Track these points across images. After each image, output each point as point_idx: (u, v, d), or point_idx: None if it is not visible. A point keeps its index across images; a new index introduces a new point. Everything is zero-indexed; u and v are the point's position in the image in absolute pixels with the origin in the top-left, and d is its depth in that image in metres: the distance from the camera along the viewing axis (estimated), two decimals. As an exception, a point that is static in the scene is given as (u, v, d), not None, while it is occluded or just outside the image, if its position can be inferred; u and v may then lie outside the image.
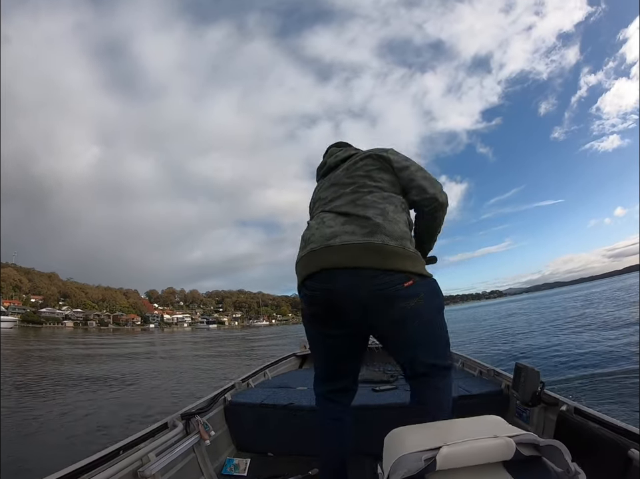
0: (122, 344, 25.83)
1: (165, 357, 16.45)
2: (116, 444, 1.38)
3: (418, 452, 0.72)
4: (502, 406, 1.95)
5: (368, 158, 1.36)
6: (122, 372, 10.07)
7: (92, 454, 1.27)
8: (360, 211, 1.21)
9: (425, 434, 0.82)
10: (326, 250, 1.15)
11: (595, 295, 30.71)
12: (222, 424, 2.08)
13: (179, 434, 1.67)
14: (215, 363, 12.76)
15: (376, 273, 1.10)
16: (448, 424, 0.92)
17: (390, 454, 0.79)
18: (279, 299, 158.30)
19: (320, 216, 1.29)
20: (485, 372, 2.37)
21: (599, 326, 10.98)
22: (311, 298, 1.21)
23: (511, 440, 0.72)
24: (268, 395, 2.24)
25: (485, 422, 0.86)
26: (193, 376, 9.21)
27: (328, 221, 1.24)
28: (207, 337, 39.35)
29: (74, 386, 7.56)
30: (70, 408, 5.57)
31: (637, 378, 4.74)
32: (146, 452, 1.42)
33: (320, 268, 1.15)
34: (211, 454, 1.83)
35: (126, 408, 5.44)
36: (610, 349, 7.03)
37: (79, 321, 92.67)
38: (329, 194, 1.36)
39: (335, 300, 1.14)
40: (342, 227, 1.18)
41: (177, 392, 6.81)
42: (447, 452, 0.69)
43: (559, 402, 1.58)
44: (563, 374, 5.68)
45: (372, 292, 1.10)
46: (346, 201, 1.27)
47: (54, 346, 22.97)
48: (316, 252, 1.17)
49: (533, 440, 0.74)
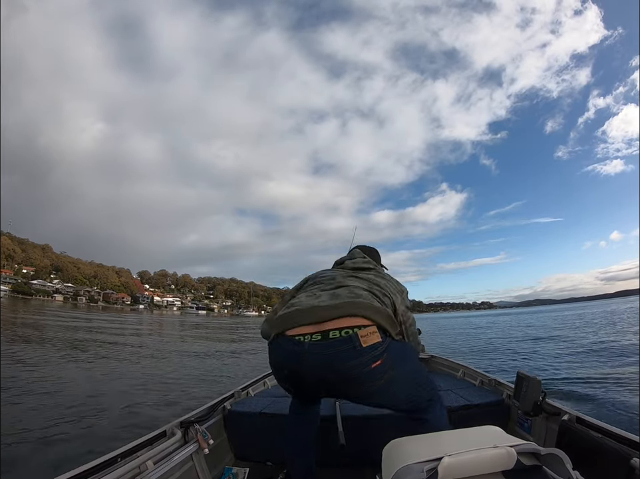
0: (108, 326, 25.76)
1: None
2: (114, 451, 1.38)
3: (419, 462, 0.72)
4: (504, 415, 1.94)
5: (390, 283, 1.53)
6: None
7: (90, 461, 1.27)
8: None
9: (426, 445, 0.82)
10: (304, 311, 1.32)
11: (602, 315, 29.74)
12: (221, 432, 2.07)
13: (177, 442, 1.66)
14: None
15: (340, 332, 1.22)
16: (448, 435, 0.94)
17: (391, 464, 0.79)
18: (270, 290, 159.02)
19: (310, 287, 1.51)
20: (486, 382, 2.35)
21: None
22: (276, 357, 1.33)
23: (512, 450, 0.72)
24: (268, 404, 2.22)
25: (485, 432, 0.88)
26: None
27: (319, 292, 1.42)
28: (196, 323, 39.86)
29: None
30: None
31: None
32: (144, 460, 1.41)
33: (294, 324, 1.29)
34: (209, 462, 1.82)
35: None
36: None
37: (69, 296, 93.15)
38: (325, 274, 1.58)
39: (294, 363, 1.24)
40: (330, 297, 1.36)
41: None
42: (449, 462, 0.69)
43: (560, 412, 1.57)
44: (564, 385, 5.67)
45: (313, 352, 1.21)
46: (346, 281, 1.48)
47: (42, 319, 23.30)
48: (295, 312, 1.34)
49: (534, 449, 0.74)
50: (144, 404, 4.82)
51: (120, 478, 1.27)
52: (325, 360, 1.12)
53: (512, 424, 1.90)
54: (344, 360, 1.11)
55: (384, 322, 1.21)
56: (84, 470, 1.21)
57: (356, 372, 1.11)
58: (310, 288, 1.43)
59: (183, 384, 6.29)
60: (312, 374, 1.15)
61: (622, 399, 4.57)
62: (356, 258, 1.63)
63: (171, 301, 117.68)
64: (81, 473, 1.19)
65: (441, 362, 3.26)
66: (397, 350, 1.22)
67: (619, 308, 42.05)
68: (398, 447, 0.85)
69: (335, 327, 1.15)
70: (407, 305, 1.48)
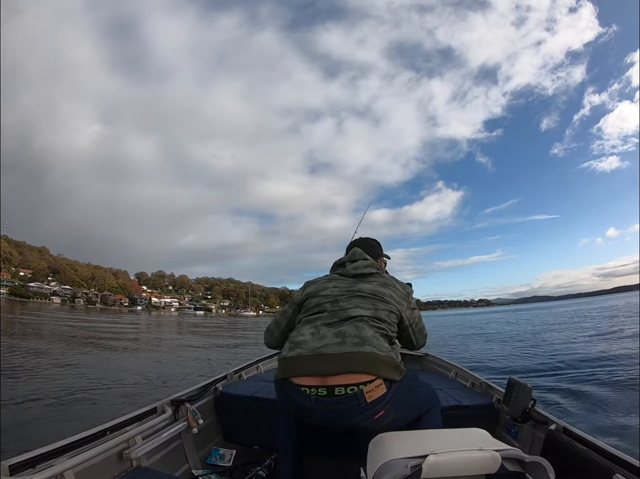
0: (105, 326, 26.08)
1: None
2: (104, 424, 1.39)
3: (404, 458, 0.73)
4: (492, 419, 1.95)
5: (396, 291, 1.53)
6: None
7: (78, 432, 1.30)
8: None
9: (412, 441, 0.83)
10: (315, 358, 1.28)
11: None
12: (211, 413, 2.08)
13: (167, 419, 1.67)
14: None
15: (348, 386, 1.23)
16: (435, 433, 0.95)
17: (376, 458, 0.80)
18: (268, 290, 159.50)
19: (315, 321, 1.41)
20: (477, 384, 2.35)
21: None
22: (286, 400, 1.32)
23: (497, 454, 0.73)
24: (259, 388, 2.23)
25: (472, 434, 0.88)
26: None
27: (325, 330, 1.36)
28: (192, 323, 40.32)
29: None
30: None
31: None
32: (133, 435, 1.42)
33: (300, 373, 1.28)
34: (197, 442, 1.84)
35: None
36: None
37: (67, 298, 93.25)
38: (329, 299, 1.48)
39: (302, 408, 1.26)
40: (335, 339, 1.32)
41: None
42: (433, 460, 0.70)
43: (548, 421, 1.57)
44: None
45: (322, 404, 1.23)
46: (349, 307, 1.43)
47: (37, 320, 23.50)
48: (303, 358, 1.30)
49: (519, 455, 0.75)
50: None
51: (107, 451, 1.29)
52: (332, 415, 1.19)
53: (500, 428, 1.90)
54: (349, 415, 1.18)
55: (390, 373, 1.23)
56: (72, 441, 1.24)
57: (361, 424, 1.20)
58: (313, 319, 1.40)
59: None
60: (320, 423, 1.25)
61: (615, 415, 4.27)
62: (358, 261, 1.59)
63: (169, 302, 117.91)
64: (69, 443, 1.23)
65: (435, 361, 3.26)
66: (401, 395, 1.26)
67: (619, 304, 41.52)
68: (384, 441, 0.86)
69: (340, 384, 1.17)
70: (412, 306, 1.53)
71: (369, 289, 1.47)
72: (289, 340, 1.37)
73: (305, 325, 1.40)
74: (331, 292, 1.48)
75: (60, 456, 1.19)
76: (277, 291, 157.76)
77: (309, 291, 1.54)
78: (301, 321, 1.45)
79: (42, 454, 1.15)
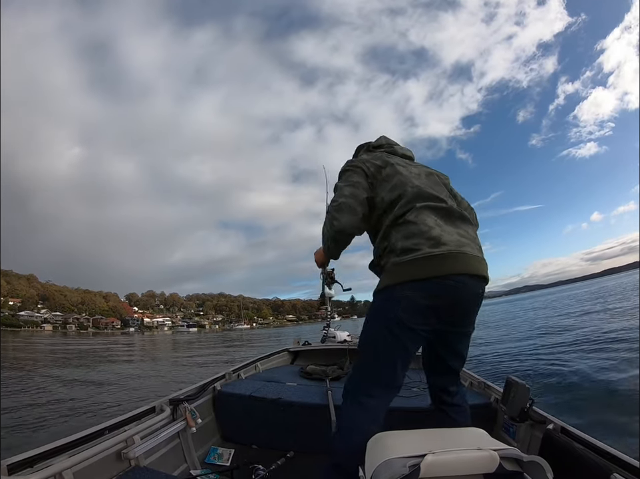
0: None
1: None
2: (102, 424, 1.39)
3: (403, 457, 0.73)
4: (490, 419, 1.92)
5: (440, 174, 1.48)
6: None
7: (77, 431, 1.29)
8: (468, 229, 1.30)
9: (410, 441, 0.83)
10: (466, 256, 1.19)
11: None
12: (209, 412, 2.08)
13: (166, 419, 1.68)
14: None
15: (485, 282, 1.26)
16: (433, 433, 0.94)
17: (374, 457, 0.80)
18: (259, 302, 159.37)
19: (433, 213, 1.25)
20: (475, 384, 2.33)
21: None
22: (442, 291, 1.17)
23: (495, 454, 0.73)
24: (258, 388, 2.23)
25: (470, 434, 0.89)
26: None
27: (452, 225, 1.26)
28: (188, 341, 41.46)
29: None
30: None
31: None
32: (131, 434, 1.42)
33: (466, 272, 1.18)
34: (196, 441, 1.84)
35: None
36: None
37: (58, 325, 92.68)
38: (434, 188, 1.35)
39: (462, 295, 1.19)
40: (466, 236, 1.25)
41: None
42: (432, 460, 0.70)
43: (546, 420, 1.55)
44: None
45: (479, 292, 1.25)
46: (457, 206, 1.37)
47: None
48: (456, 256, 1.18)
49: (517, 455, 0.75)
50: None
51: (106, 450, 1.28)
52: (475, 283, 1.22)
53: (498, 428, 1.88)
54: (483, 284, 1.26)
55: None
56: (71, 440, 1.24)
57: (481, 294, 1.27)
58: (423, 208, 1.25)
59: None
60: (467, 292, 1.22)
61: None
62: (398, 145, 1.58)
63: (161, 321, 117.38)
64: (68, 443, 1.22)
65: None
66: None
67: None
68: (382, 440, 0.86)
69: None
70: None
71: (431, 173, 1.44)
72: (418, 236, 1.19)
73: (420, 214, 1.24)
74: (403, 169, 1.37)
75: (59, 455, 1.18)
76: (269, 302, 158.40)
77: (378, 163, 1.38)
78: (402, 204, 1.27)
79: (41, 453, 1.14)
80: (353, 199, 1.31)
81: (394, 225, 1.27)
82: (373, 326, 1.27)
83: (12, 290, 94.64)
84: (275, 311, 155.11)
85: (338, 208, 1.31)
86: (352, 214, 1.30)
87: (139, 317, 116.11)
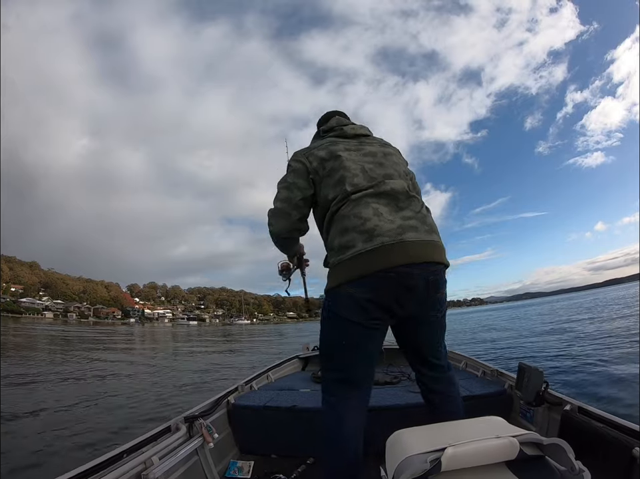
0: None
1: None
2: (120, 447, 1.39)
3: (423, 453, 0.72)
4: (506, 406, 1.92)
5: (397, 151, 1.44)
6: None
7: (96, 457, 1.27)
8: (417, 209, 1.25)
9: (428, 436, 0.82)
10: (405, 244, 1.14)
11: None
12: (225, 426, 2.08)
13: (182, 437, 1.67)
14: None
15: (437, 266, 1.21)
16: (450, 426, 0.94)
17: (394, 455, 0.80)
18: (261, 298, 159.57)
19: (373, 202, 1.21)
20: (488, 373, 2.33)
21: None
22: (382, 284, 1.14)
23: (514, 440, 0.72)
24: (271, 397, 2.23)
25: (488, 423, 0.89)
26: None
27: (395, 209, 1.22)
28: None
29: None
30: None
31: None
32: (150, 456, 1.41)
33: (406, 262, 1.13)
34: (214, 456, 1.83)
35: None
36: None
37: (59, 313, 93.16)
38: (382, 170, 1.29)
39: (408, 285, 1.15)
40: (412, 218, 1.21)
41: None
42: (452, 453, 0.69)
43: (562, 402, 1.56)
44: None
45: (430, 279, 1.18)
46: (411, 185, 1.32)
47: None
48: (392, 247, 1.13)
49: (536, 439, 0.74)
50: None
51: (125, 473, 1.28)
52: (425, 269, 1.18)
53: (515, 414, 1.89)
54: (435, 267, 1.21)
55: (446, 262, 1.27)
56: (91, 466, 1.22)
57: (440, 277, 1.24)
58: (361, 198, 1.22)
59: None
60: (416, 280, 1.17)
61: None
62: (351, 124, 1.49)
63: (162, 313, 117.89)
64: (88, 469, 1.20)
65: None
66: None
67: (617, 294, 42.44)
68: (401, 438, 0.85)
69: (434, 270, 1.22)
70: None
71: (386, 152, 1.37)
72: (352, 231, 1.17)
73: (357, 206, 1.21)
74: (349, 156, 1.29)
75: None
76: (270, 298, 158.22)
77: (322, 156, 1.31)
78: (338, 199, 1.24)
79: None
80: (287, 203, 1.35)
81: (331, 221, 1.28)
82: (324, 327, 1.30)
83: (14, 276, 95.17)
84: (276, 307, 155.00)
85: (273, 213, 1.39)
86: (285, 219, 1.36)
87: (140, 308, 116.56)
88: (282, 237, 1.42)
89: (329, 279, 1.26)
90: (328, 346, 1.31)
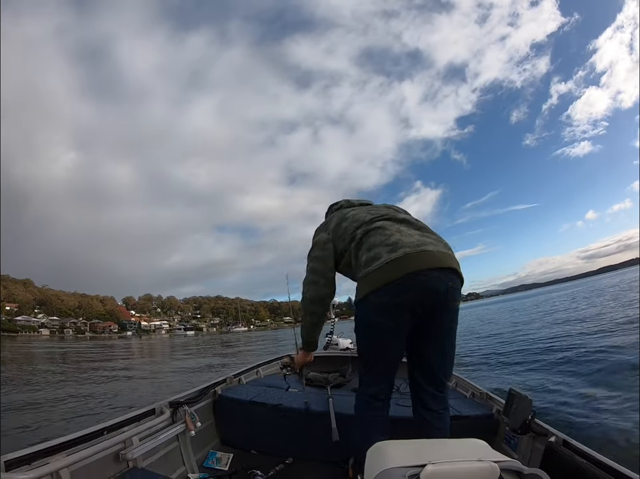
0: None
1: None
2: (101, 424, 1.38)
3: (402, 467, 0.72)
4: (491, 430, 1.91)
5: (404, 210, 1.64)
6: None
7: (76, 431, 1.28)
8: (431, 231, 1.43)
9: (410, 450, 0.82)
10: (426, 253, 1.27)
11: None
12: (209, 416, 2.08)
13: (165, 421, 1.68)
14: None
15: (456, 275, 1.32)
16: (433, 443, 0.94)
17: (373, 466, 0.79)
18: (257, 304, 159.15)
19: (392, 225, 1.39)
20: (477, 395, 2.31)
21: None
22: (408, 288, 1.24)
23: (496, 465, 0.72)
24: (258, 393, 2.21)
25: (471, 445, 0.88)
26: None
27: (414, 229, 1.39)
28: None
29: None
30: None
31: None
32: (130, 436, 1.42)
33: (428, 267, 1.25)
34: (195, 444, 1.84)
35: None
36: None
37: (55, 329, 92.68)
38: (385, 211, 1.50)
39: (432, 288, 1.25)
40: (429, 237, 1.35)
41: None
42: (431, 470, 0.69)
43: (548, 433, 1.53)
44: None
45: (449, 285, 1.28)
46: (412, 218, 1.49)
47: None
48: (414, 256, 1.25)
49: (518, 467, 0.74)
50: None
51: (104, 450, 1.28)
52: (445, 275, 1.29)
53: (499, 439, 1.87)
54: (454, 274, 1.32)
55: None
56: (69, 439, 1.23)
57: (458, 285, 1.34)
58: (378, 227, 1.40)
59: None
60: (442, 300, 1.30)
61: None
62: (355, 199, 1.71)
63: (158, 325, 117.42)
64: (66, 441, 1.22)
65: None
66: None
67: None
68: (382, 449, 0.85)
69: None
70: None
71: (389, 206, 1.60)
72: (379, 246, 1.32)
73: (379, 228, 1.39)
74: (358, 211, 1.55)
75: (57, 453, 1.17)
76: (266, 304, 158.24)
77: (335, 222, 1.55)
78: (357, 238, 1.42)
79: (39, 451, 1.13)
80: (319, 263, 1.54)
81: (358, 246, 1.41)
82: (358, 334, 1.43)
83: (9, 295, 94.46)
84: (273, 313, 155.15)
85: (307, 281, 1.56)
86: (322, 280, 1.53)
87: (136, 320, 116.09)
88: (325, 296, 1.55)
89: (357, 291, 1.35)
90: (362, 353, 1.43)
